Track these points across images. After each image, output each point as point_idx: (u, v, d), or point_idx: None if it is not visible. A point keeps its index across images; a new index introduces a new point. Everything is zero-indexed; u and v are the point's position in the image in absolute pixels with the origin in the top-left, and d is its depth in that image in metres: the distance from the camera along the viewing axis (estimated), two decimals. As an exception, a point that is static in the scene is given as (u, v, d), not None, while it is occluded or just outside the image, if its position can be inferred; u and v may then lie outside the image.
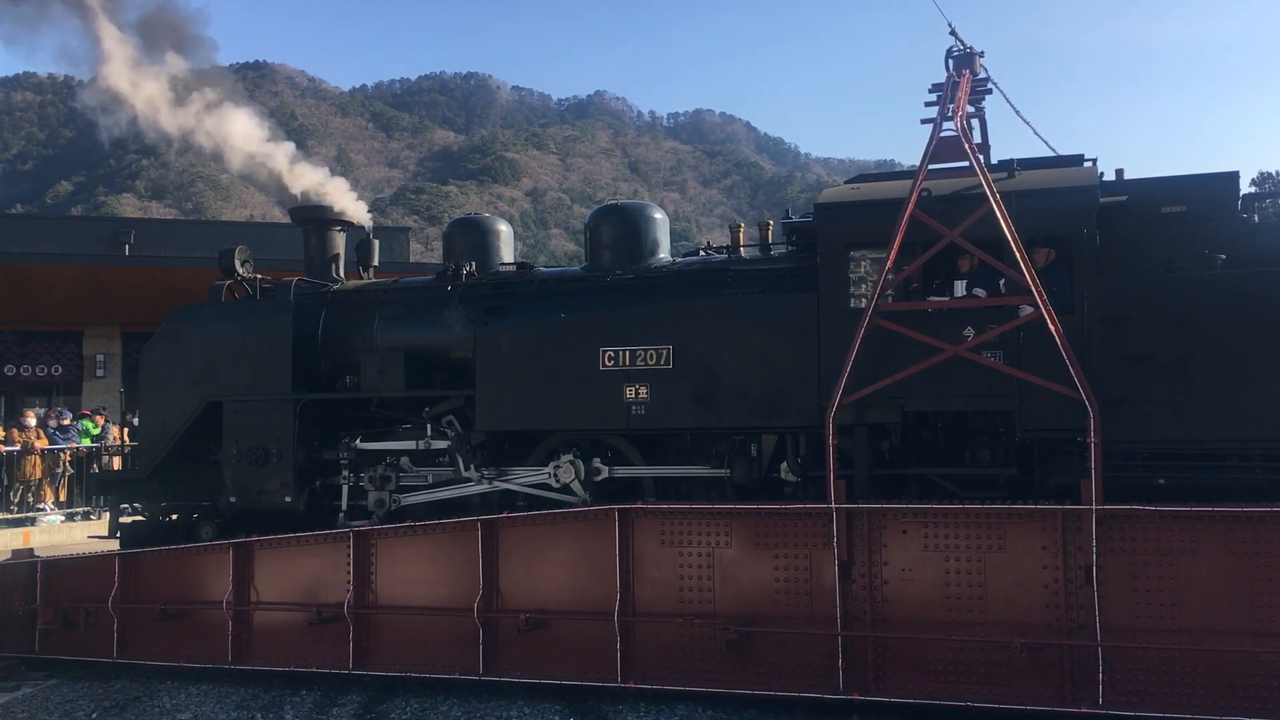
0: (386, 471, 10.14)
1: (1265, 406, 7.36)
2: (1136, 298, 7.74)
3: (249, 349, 10.43)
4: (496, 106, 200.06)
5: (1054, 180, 8.32)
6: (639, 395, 8.90)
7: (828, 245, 8.56)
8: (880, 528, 7.98)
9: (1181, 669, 7.22)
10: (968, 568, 7.75)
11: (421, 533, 9.21)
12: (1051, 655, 7.50)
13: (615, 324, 9.12)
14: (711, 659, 8.24)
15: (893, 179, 9.16)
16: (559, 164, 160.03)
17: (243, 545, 9.77)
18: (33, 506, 19.64)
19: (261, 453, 10.20)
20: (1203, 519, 7.29)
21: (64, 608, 10.40)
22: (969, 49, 8.97)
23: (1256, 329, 7.42)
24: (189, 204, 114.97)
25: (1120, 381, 7.66)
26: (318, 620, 9.30)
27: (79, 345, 27.42)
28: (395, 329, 10.53)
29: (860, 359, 8.00)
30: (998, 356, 7.96)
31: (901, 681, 7.81)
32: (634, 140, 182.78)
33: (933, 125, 8.28)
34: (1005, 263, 7.85)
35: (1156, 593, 7.35)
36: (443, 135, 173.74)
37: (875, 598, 7.95)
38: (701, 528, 8.41)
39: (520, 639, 8.71)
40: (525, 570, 8.84)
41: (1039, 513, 7.63)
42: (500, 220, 11.56)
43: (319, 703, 8.95)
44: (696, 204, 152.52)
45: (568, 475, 9.46)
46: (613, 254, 10.14)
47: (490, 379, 9.43)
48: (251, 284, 11.35)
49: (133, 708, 9.07)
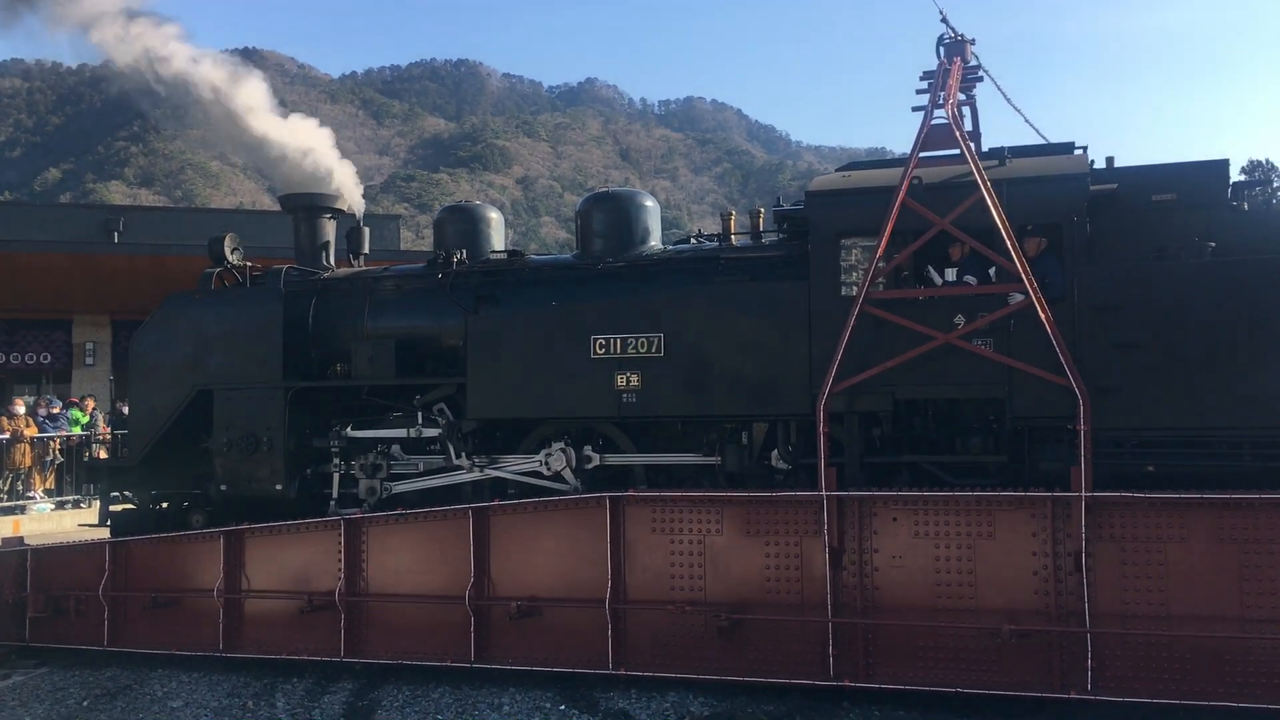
0: (377, 459, 10.13)
1: (1254, 394, 7.40)
2: (1127, 286, 7.76)
3: (239, 337, 10.41)
4: (487, 94, 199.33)
5: (1044, 168, 8.33)
6: (630, 383, 8.91)
7: (819, 233, 8.56)
8: (871, 515, 8.01)
9: (1170, 655, 7.27)
10: (958, 555, 7.78)
11: (412, 521, 9.22)
12: (1041, 641, 7.54)
13: (606, 312, 9.12)
14: (703, 646, 8.26)
15: (884, 167, 9.16)
16: (550, 151, 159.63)
17: (234, 533, 9.76)
18: (22, 495, 19.57)
19: (252, 441, 10.18)
20: (1191, 506, 7.33)
21: (54, 596, 10.39)
22: (960, 36, 8.95)
23: (1246, 317, 7.44)
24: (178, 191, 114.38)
25: (1110, 369, 7.69)
26: (309, 608, 9.30)
27: (68, 333, 27.27)
28: (386, 317, 10.51)
29: (851, 347, 8.02)
30: (988, 344, 7.98)
31: (891, 668, 7.85)
32: (625, 128, 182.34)
33: (924, 113, 8.28)
34: (996, 251, 7.87)
35: (1145, 579, 7.39)
36: (433, 122, 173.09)
37: (866, 585, 7.97)
38: (692, 515, 8.42)
39: (512, 626, 8.72)
40: (517, 558, 8.85)
41: (1029, 500, 7.66)
42: (491, 208, 11.53)
43: (310, 690, 8.96)
44: (688, 192, 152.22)
45: (559, 463, 9.46)
46: (604, 242, 10.12)
47: (481, 367, 9.42)
48: (242, 272, 11.30)
49: (124, 695, 9.08)
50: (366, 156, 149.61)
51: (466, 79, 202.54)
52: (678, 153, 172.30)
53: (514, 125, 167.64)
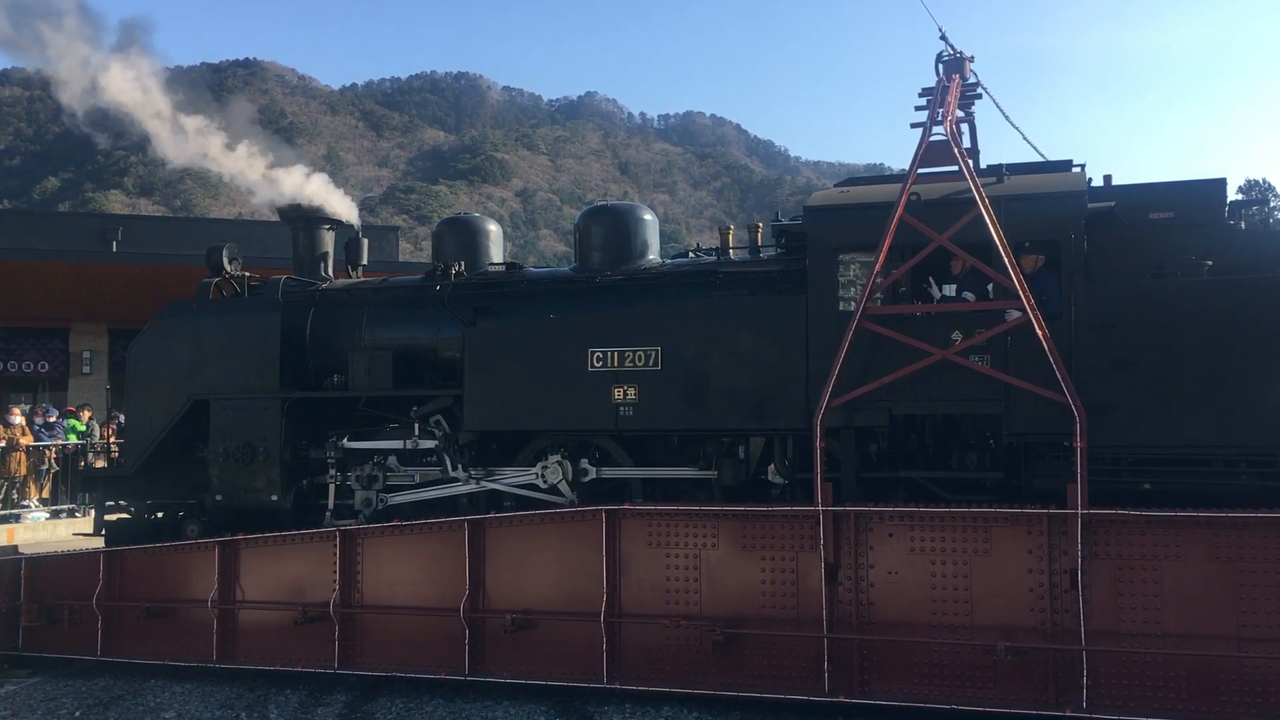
0: (374, 471, 10.12)
1: (1251, 412, 7.40)
2: (1124, 303, 7.77)
3: (237, 347, 10.41)
4: (487, 106, 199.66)
5: (1042, 185, 8.36)
6: (627, 396, 8.91)
7: (816, 248, 8.57)
8: (867, 530, 8.00)
9: (1165, 673, 7.25)
10: (953, 571, 7.76)
11: (408, 532, 9.20)
12: (1036, 658, 7.52)
13: (604, 325, 9.12)
14: (697, 660, 8.24)
15: (882, 183, 9.18)
16: (549, 164, 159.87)
17: (228, 544, 9.74)
18: (17, 503, 19.53)
19: (248, 451, 10.17)
20: (1187, 524, 7.32)
21: (48, 605, 10.36)
22: (959, 54, 8.99)
23: (1243, 335, 7.45)
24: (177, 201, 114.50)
25: (1107, 386, 7.69)
26: (303, 619, 9.29)
27: (65, 341, 27.24)
28: (383, 328, 10.52)
29: (848, 362, 8.02)
30: (985, 361, 7.99)
31: (886, 684, 7.83)
32: (624, 141, 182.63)
33: (922, 129, 8.30)
34: (994, 267, 7.87)
35: (1141, 597, 7.38)
36: (433, 134, 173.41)
37: (861, 600, 7.96)
38: (688, 529, 8.41)
39: (506, 639, 8.70)
40: (512, 570, 8.83)
41: (1025, 516, 7.65)
42: (490, 220, 11.55)
43: (304, 702, 8.93)
44: (686, 206, 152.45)
45: (555, 476, 9.46)
46: (602, 255, 10.13)
47: (478, 379, 9.42)
48: (240, 282, 11.32)
49: (116, 706, 9.04)
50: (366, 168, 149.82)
51: (466, 91, 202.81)
52: (677, 167, 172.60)
53: (513, 138, 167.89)
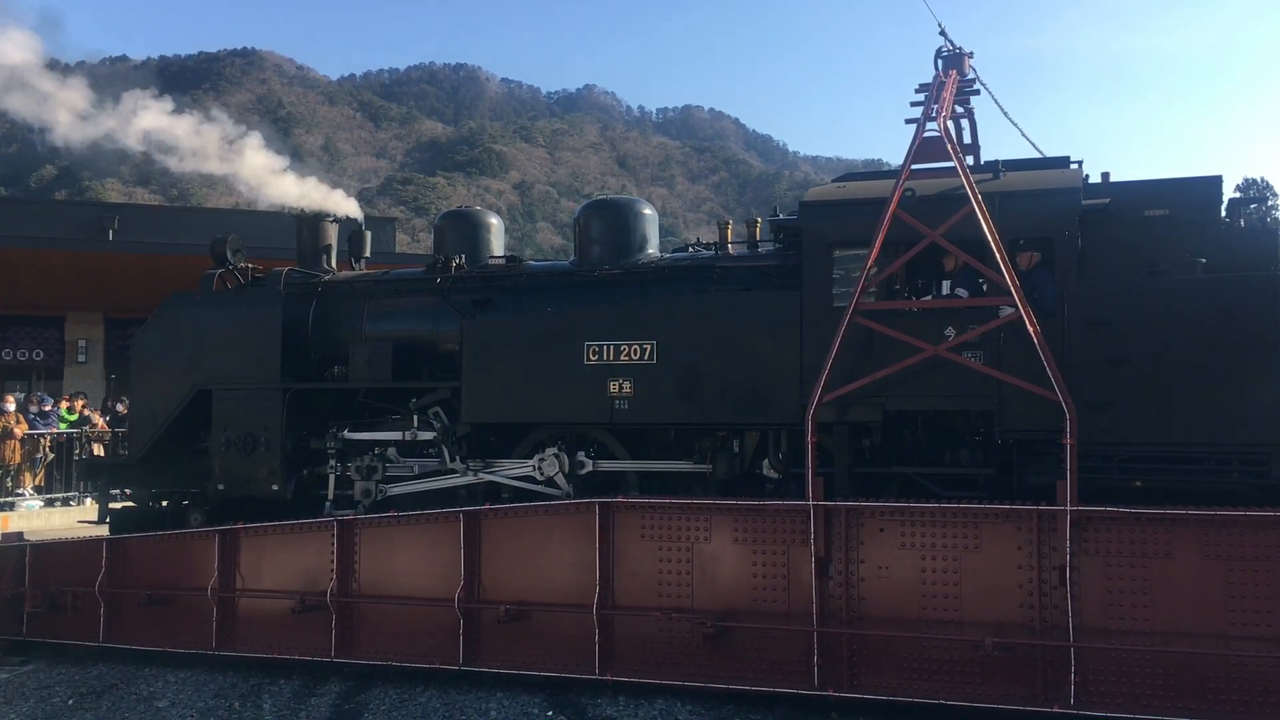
0: (373, 462, 10.19)
1: (1243, 410, 7.44)
2: (1118, 301, 7.81)
3: (239, 338, 10.48)
4: (485, 99, 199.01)
5: (1038, 182, 8.38)
6: (623, 390, 8.97)
7: (812, 244, 8.62)
8: (858, 525, 8.05)
9: (1154, 670, 7.29)
10: (944, 567, 7.81)
11: (405, 523, 9.25)
12: (1025, 655, 7.57)
13: (600, 319, 9.18)
14: (690, 653, 8.29)
15: (879, 178, 9.21)
16: (547, 157, 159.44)
17: (229, 533, 9.80)
18: (11, 492, 19.55)
19: (250, 441, 10.24)
20: (1177, 522, 7.35)
21: (52, 591, 10.44)
22: (958, 49, 9.03)
23: (1236, 333, 7.48)
24: (174, 190, 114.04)
25: (1100, 384, 7.73)
26: (301, 608, 9.34)
27: (61, 330, 27.23)
28: (384, 320, 10.57)
29: (842, 357, 8.07)
30: (978, 357, 8.03)
31: (876, 678, 7.88)
32: (622, 135, 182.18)
33: (916, 125, 8.34)
34: (987, 264, 7.91)
35: (1130, 594, 7.42)
36: (431, 126, 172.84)
37: (852, 595, 8.01)
38: (682, 522, 8.46)
39: (500, 630, 8.75)
40: (507, 562, 8.89)
41: (1015, 513, 7.69)
42: (491, 214, 11.59)
43: (298, 692, 8.99)
44: (684, 200, 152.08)
45: (552, 468, 9.52)
46: (601, 249, 10.17)
47: (476, 371, 9.48)
48: (243, 273, 11.37)
49: (110, 694, 9.09)
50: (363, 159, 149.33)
51: (465, 83, 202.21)
52: (675, 161, 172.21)
53: (511, 130, 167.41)
